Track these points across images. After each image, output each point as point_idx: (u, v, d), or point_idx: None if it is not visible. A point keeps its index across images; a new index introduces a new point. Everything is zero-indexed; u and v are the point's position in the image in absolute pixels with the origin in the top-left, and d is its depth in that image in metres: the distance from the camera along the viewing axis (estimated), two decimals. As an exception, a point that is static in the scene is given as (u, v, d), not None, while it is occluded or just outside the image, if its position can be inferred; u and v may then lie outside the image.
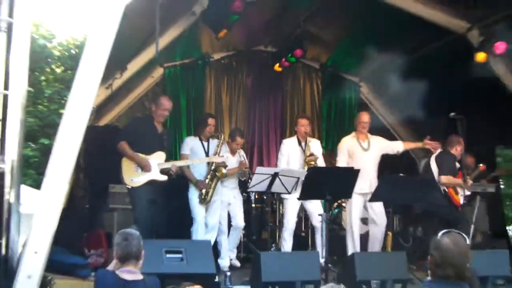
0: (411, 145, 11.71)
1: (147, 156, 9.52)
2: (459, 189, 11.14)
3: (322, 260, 9.05)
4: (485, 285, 8.77)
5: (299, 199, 10.11)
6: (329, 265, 9.26)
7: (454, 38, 12.01)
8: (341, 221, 12.76)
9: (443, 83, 12.28)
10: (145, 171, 9.44)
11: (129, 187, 9.47)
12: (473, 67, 11.62)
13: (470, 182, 11.20)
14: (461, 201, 11.13)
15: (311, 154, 10.78)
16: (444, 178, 11.10)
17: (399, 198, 9.76)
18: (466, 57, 11.59)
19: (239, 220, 11.13)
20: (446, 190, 11.14)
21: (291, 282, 7.95)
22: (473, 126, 10.82)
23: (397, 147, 11.33)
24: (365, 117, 11.13)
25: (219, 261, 10.66)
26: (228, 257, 10.96)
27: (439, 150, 11.43)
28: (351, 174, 9.62)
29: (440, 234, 4.71)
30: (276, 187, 9.49)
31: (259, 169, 9.63)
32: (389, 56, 13.23)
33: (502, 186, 13.70)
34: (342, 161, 10.91)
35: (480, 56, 11.46)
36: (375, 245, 10.69)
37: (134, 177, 9.42)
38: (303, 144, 10.96)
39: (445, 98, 12.36)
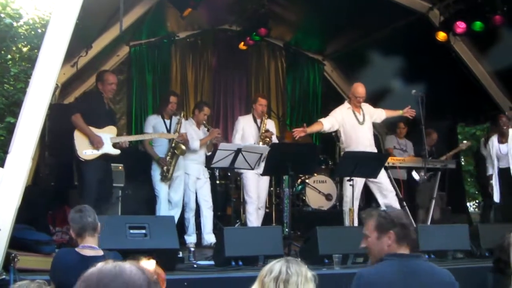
0: (391, 113, 11.28)
1: (99, 131, 9.37)
2: None
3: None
4: (445, 258, 8.99)
5: (262, 174, 10.22)
6: (291, 239, 9.40)
7: (416, 17, 12.18)
8: (304, 197, 12.89)
9: (405, 61, 12.43)
10: (96, 147, 9.27)
11: (82, 159, 9.25)
12: (435, 46, 11.82)
13: None
14: None
15: (267, 130, 10.90)
16: None
17: (359, 172, 9.88)
18: (427, 36, 11.77)
19: (208, 198, 11.11)
20: None
21: (254, 257, 8.04)
22: (434, 104, 10.98)
23: (381, 115, 11.10)
24: (362, 90, 10.68)
25: (186, 237, 10.75)
26: (195, 234, 10.99)
27: None
28: (313, 151, 9.76)
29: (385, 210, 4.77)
30: (239, 163, 9.57)
31: (222, 145, 9.70)
32: (352, 35, 13.38)
33: (462, 163, 13.92)
34: (327, 123, 10.60)
35: (441, 35, 11.67)
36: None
37: (87, 149, 9.23)
38: (258, 121, 11.12)
39: (407, 75, 12.53)
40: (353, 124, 10.65)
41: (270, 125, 11.31)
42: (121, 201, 10.76)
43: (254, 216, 10.87)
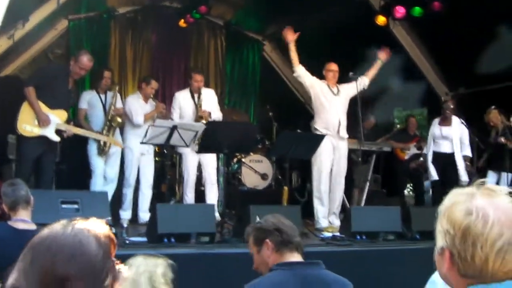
0: (373, 71, 11.17)
1: (49, 111, 9.13)
2: None
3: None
4: (376, 239, 9.10)
5: (197, 152, 10.20)
6: (226, 218, 9.44)
7: (357, 1, 12.25)
8: (240, 176, 12.90)
9: (345, 44, 12.50)
10: (41, 126, 9.02)
11: (19, 133, 9.05)
12: (375, 30, 11.91)
13: None
14: None
15: (203, 111, 10.79)
16: None
17: (295, 153, 9.92)
18: (368, 19, 11.86)
19: (149, 176, 10.97)
20: None
21: (187, 234, 8.02)
22: (373, 87, 11.09)
23: (364, 81, 10.98)
24: (333, 66, 10.88)
25: (121, 212, 10.68)
26: (130, 210, 10.85)
27: None
28: (250, 130, 9.78)
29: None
30: (175, 140, 9.49)
31: (158, 122, 9.57)
32: (292, 17, 13.41)
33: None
34: (302, 68, 10.70)
35: (381, 20, 11.76)
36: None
37: (28, 125, 8.98)
38: (195, 96, 11.02)
39: (347, 59, 12.60)
40: (326, 94, 10.72)
41: (209, 96, 11.20)
42: (55, 176, 10.64)
43: (190, 195, 10.82)
